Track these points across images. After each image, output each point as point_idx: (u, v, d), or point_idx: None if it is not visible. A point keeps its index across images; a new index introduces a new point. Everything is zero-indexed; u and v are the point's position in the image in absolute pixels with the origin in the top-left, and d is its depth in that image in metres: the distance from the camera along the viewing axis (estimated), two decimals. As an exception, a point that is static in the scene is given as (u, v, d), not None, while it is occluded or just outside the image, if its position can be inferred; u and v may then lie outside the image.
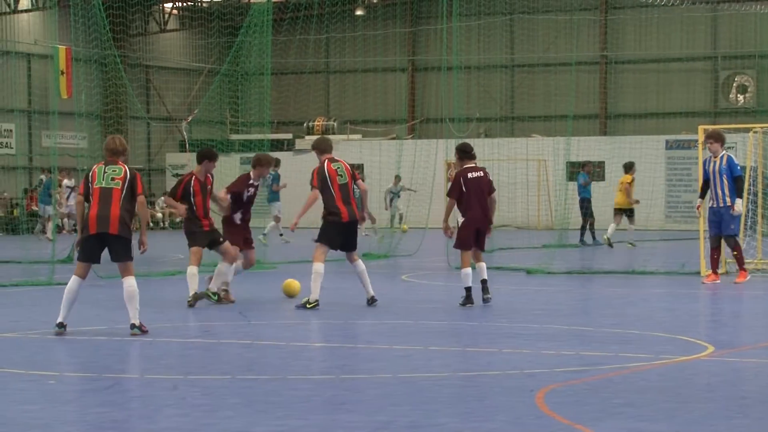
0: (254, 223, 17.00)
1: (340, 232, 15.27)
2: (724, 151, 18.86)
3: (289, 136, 47.17)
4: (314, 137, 46.14)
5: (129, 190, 12.50)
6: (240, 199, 16.19)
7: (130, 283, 12.39)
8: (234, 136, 44.76)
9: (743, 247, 19.65)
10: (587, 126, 45.30)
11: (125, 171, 12.58)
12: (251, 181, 16.44)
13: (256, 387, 9.55)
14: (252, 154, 18.43)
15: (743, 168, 19.34)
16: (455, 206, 15.70)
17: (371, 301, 15.40)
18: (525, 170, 41.02)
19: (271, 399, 8.96)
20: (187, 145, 44.57)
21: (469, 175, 15.56)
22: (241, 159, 43.93)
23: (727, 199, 18.54)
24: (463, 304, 15.31)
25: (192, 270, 15.61)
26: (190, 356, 11.59)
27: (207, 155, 16.15)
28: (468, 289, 15.34)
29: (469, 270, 15.45)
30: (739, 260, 18.88)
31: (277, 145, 45.78)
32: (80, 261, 12.61)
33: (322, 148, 15.67)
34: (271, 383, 9.75)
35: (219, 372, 10.28)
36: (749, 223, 22.06)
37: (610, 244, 28.22)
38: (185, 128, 45.21)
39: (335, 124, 47.95)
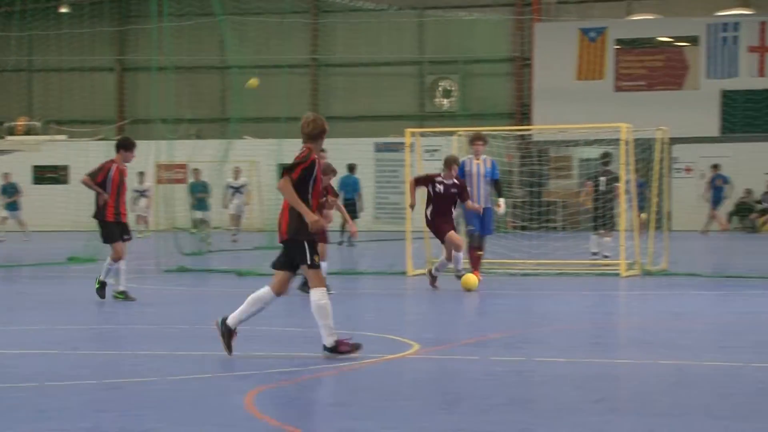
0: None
1: None
2: (484, 155, 19.53)
3: (-10, 136, 45.45)
4: (15, 138, 44.79)
5: None
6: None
7: None
8: (-71, 136, 42.72)
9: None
10: (299, 128, 45.63)
11: None
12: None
13: (-47, 398, 9.16)
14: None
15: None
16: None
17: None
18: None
19: (-30, 410, 8.63)
20: None
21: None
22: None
23: (489, 201, 19.20)
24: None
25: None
26: None
27: (122, 144, 16.51)
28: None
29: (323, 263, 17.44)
30: (478, 261, 19.55)
31: (-23, 145, 44.02)
32: None
33: None
34: (-29, 393, 9.38)
35: None
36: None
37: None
38: None
39: (39, 124, 46.50)
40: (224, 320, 11.08)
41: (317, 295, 10.90)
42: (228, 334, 11.01)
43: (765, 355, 11.20)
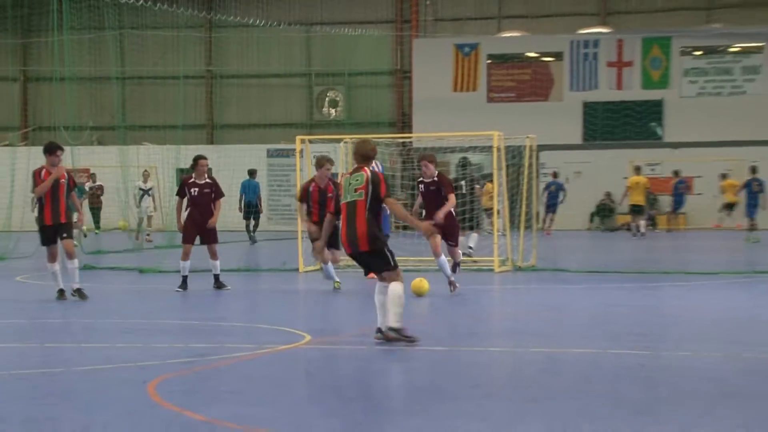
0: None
1: None
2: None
3: None
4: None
5: None
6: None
7: None
8: None
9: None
10: (195, 135, 45.32)
11: None
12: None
13: None
14: None
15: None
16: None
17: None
18: (137, 176, 40.50)
19: None
20: None
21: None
22: None
23: None
24: (179, 289, 17.03)
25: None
26: None
27: (45, 149, 16.01)
28: (184, 278, 17.11)
29: (185, 263, 17.07)
30: None
31: None
32: None
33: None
34: None
35: None
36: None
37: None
38: None
39: (-54, 130, 45.44)
40: (393, 329, 11.16)
41: (397, 287, 11.09)
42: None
43: (621, 343, 11.46)
